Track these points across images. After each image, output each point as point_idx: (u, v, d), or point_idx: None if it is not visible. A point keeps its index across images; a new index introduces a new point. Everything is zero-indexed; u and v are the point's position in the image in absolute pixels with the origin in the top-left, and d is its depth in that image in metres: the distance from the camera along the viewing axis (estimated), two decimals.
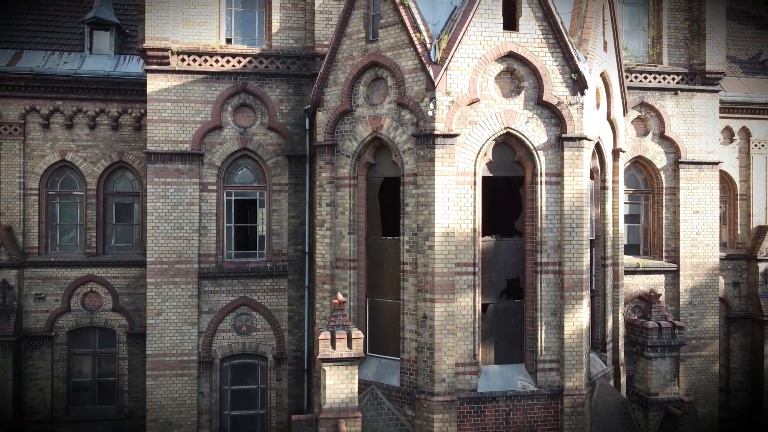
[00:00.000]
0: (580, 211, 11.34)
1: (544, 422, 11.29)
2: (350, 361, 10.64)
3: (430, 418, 10.89)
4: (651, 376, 11.65)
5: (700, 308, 16.28)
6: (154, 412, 14.01)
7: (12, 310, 16.07)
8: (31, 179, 16.53)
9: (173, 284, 14.07)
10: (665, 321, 11.69)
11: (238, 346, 14.62)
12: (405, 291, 11.45)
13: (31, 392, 16.37)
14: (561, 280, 11.34)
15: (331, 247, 12.38)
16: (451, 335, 10.94)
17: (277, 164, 14.64)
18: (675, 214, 16.18)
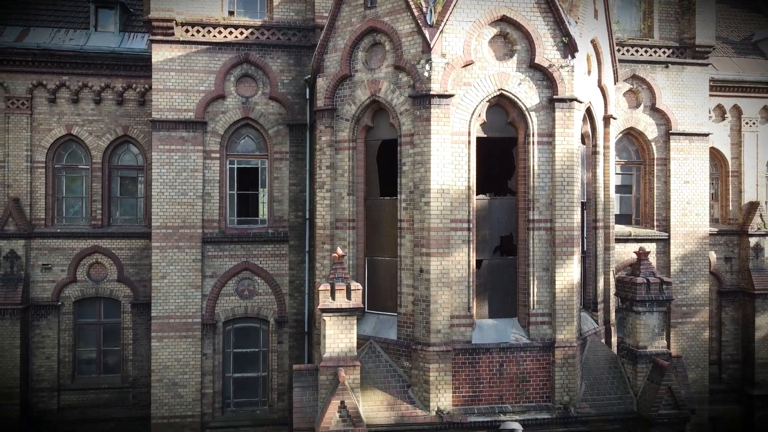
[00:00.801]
0: (571, 170, 11.76)
1: (536, 373, 11.71)
2: (349, 312, 11.06)
3: (426, 368, 11.31)
4: (639, 330, 12.07)
5: (691, 276, 16.71)
6: (158, 373, 14.43)
7: (19, 279, 16.45)
8: (37, 152, 16.89)
9: (178, 248, 14.49)
10: (653, 277, 12.10)
11: (240, 310, 15.04)
12: (402, 247, 11.87)
13: (38, 360, 16.73)
14: (552, 237, 11.76)
15: (331, 208, 12.81)
16: (446, 288, 11.36)
17: (279, 133, 15.07)
18: (666, 185, 16.60)
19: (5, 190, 16.64)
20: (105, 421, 16.68)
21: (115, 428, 16.74)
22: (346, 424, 10.65)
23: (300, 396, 11.22)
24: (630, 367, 12.19)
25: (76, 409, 16.78)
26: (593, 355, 12.56)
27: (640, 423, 11.81)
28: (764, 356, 19.22)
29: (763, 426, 19.04)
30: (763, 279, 19.30)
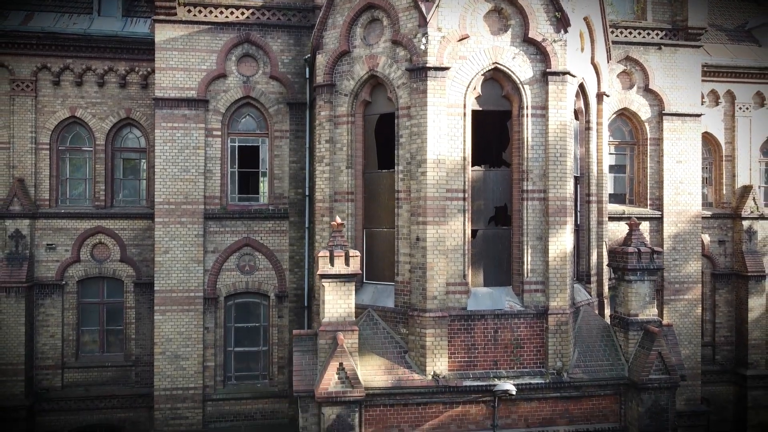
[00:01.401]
0: (564, 142, 12.07)
1: (530, 340, 12.02)
2: (348, 278, 11.36)
3: (423, 334, 11.61)
4: (631, 298, 12.37)
5: (683, 253, 17.01)
6: (161, 345, 14.74)
7: (24, 258, 16.73)
8: (42, 134, 17.16)
9: (180, 224, 14.80)
10: (644, 247, 12.40)
11: (241, 285, 15.35)
12: (399, 218, 12.18)
13: (42, 338, 17.00)
14: (546, 207, 12.07)
15: (330, 181, 13.12)
16: (442, 256, 11.66)
17: (279, 111, 15.39)
18: (659, 164, 16.92)
19: (10, 171, 16.92)
20: (108, 398, 16.95)
21: (117, 405, 17.01)
22: (345, 385, 10.95)
23: (300, 359, 11.52)
24: (622, 334, 12.48)
25: (79, 387, 17.05)
26: (586, 324, 12.85)
27: (632, 388, 12.11)
28: (757, 337, 19.52)
29: (757, 405, 19.34)
30: (756, 261, 19.62)
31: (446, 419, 11.73)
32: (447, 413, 11.73)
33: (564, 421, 12.08)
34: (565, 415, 12.09)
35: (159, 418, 14.70)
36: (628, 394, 12.20)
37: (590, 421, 12.17)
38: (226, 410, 15.10)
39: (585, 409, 12.16)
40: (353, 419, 11.06)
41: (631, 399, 12.12)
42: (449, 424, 11.73)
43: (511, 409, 11.92)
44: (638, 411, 11.92)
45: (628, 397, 12.21)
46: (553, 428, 12.03)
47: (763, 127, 20.08)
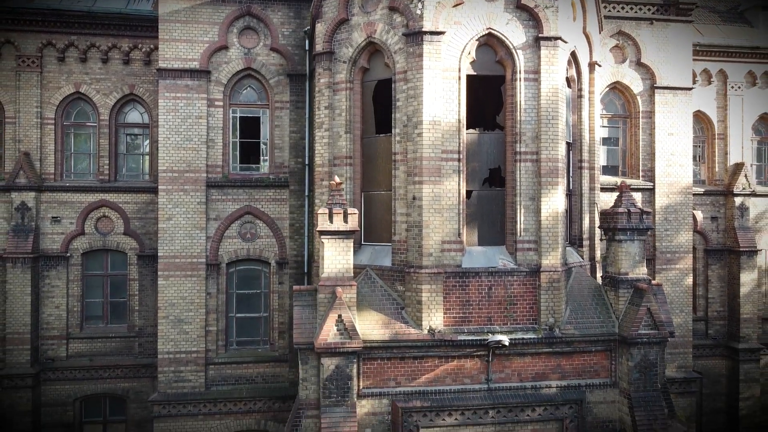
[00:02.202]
0: (555, 105, 12.44)
1: (523, 297, 12.39)
2: (346, 235, 11.73)
3: (419, 289, 11.98)
4: (621, 257, 12.74)
5: (675, 224, 17.39)
6: (165, 310, 15.11)
7: (30, 230, 17.07)
8: (47, 109, 17.48)
9: (183, 191, 15.17)
10: (634, 207, 12.77)
11: (243, 252, 15.73)
12: (396, 179, 12.56)
13: (47, 309, 17.34)
14: (538, 168, 12.44)
15: (329, 146, 13.50)
16: (437, 214, 12.04)
17: (279, 83, 15.76)
18: (651, 137, 17.30)
19: (16, 145, 17.27)
20: (112, 368, 17.30)
21: (121, 375, 17.36)
22: (343, 336, 11.33)
23: (300, 313, 11.89)
24: (612, 293, 12.86)
25: (84, 357, 17.41)
26: (578, 284, 13.23)
27: (622, 343, 12.48)
28: (749, 311, 19.91)
29: (748, 378, 19.71)
30: (748, 237, 20.00)
31: (442, 373, 12.11)
32: (442, 367, 12.10)
33: (556, 376, 12.45)
34: (557, 370, 12.46)
35: (163, 381, 15.08)
36: (619, 349, 12.57)
37: (582, 377, 12.54)
38: (228, 374, 15.49)
39: (577, 364, 12.53)
40: (351, 370, 11.44)
41: (622, 354, 12.50)
42: (444, 378, 12.11)
43: (504, 363, 12.29)
44: (628, 366, 12.29)
45: (618, 353, 12.58)
46: (545, 383, 12.40)
47: (755, 105, 20.47)
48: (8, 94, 17.25)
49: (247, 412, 15.34)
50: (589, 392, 12.48)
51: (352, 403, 11.42)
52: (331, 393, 11.34)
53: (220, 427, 15.25)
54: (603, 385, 12.57)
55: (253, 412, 15.37)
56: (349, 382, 11.40)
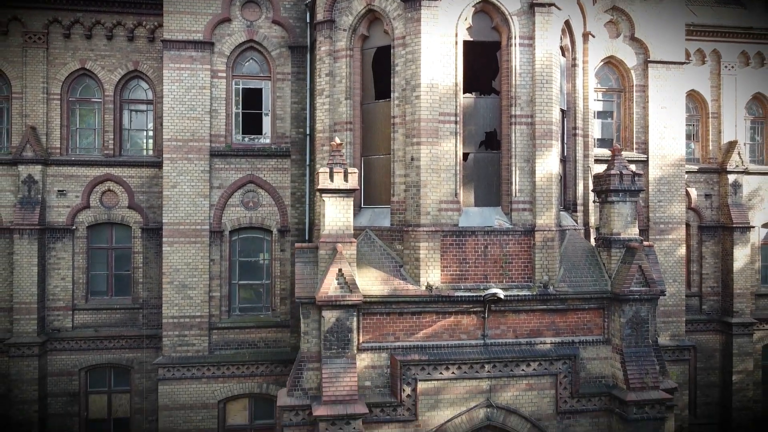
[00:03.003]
0: (549, 70, 12.82)
1: (518, 255, 12.75)
2: (346, 193, 12.10)
3: (417, 247, 12.35)
4: (613, 218, 13.10)
5: (668, 195, 17.76)
6: (169, 275, 15.47)
7: (37, 202, 17.41)
8: (53, 85, 17.83)
9: (187, 160, 15.54)
10: (626, 170, 13.14)
11: (245, 220, 16.10)
12: (395, 141, 12.93)
13: (53, 280, 17.69)
14: (533, 131, 12.82)
15: (330, 112, 13.87)
16: (435, 174, 12.41)
17: (281, 55, 16.14)
18: (644, 110, 17.68)
19: (23, 120, 17.63)
20: (116, 339, 17.65)
21: (126, 346, 17.71)
22: (344, 290, 11.69)
23: (301, 269, 12.26)
24: (605, 253, 13.22)
25: (89, 328, 17.76)
26: (572, 245, 13.59)
27: (614, 301, 12.84)
28: (742, 287, 20.28)
29: (741, 352, 20.07)
30: (741, 213, 20.38)
31: (439, 328, 12.47)
32: (440, 323, 12.46)
33: (550, 333, 12.81)
34: (552, 327, 12.82)
35: (167, 345, 15.44)
36: (611, 307, 12.93)
37: (575, 334, 12.90)
38: (231, 338, 15.85)
39: (570, 322, 12.89)
40: (351, 323, 11.80)
41: (614, 312, 12.85)
42: (442, 333, 12.47)
43: (500, 320, 12.66)
44: (620, 322, 12.65)
45: (611, 311, 12.94)
46: (539, 339, 12.76)
47: (748, 85, 20.85)
48: (15, 70, 17.61)
49: (250, 376, 15.71)
50: (583, 349, 12.85)
51: (352, 355, 11.79)
52: (332, 345, 11.71)
53: (224, 390, 15.62)
54: (596, 342, 12.93)
55: (256, 376, 15.74)
56: (349, 335, 11.76)
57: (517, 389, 12.54)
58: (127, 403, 17.96)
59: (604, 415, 12.80)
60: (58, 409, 17.51)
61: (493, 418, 12.47)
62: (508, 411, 12.49)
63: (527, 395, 12.56)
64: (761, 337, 20.99)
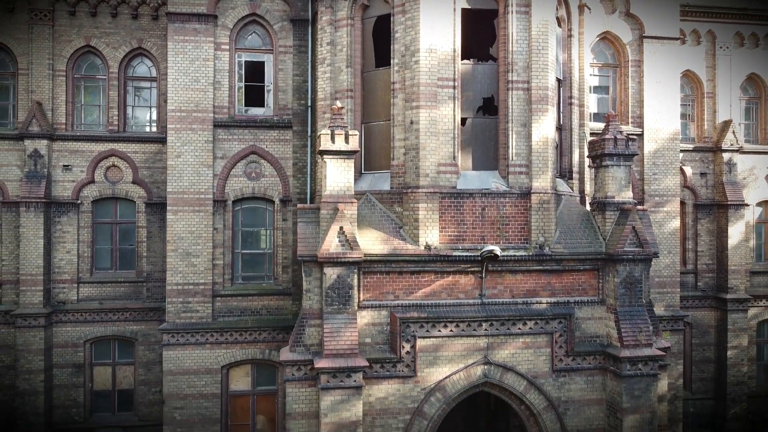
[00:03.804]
0: (545, 37, 13.14)
1: (514, 217, 13.07)
2: (347, 154, 12.41)
3: (416, 208, 12.67)
4: (608, 181, 13.42)
5: (663, 168, 18.08)
6: (174, 243, 15.77)
7: (42, 176, 17.70)
8: (58, 62, 18.11)
9: (191, 130, 15.85)
10: (620, 135, 13.45)
11: (248, 190, 16.40)
12: (395, 107, 13.26)
13: (59, 254, 17.98)
14: (529, 96, 13.14)
15: (331, 81, 14.20)
16: (433, 137, 12.73)
17: (283, 28, 16.44)
18: (639, 85, 17.99)
19: (29, 96, 17.91)
20: (121, 311, 17.96)
21: (130, 318, 18.02)
22: (344, 247, 12.01)
23: (304, 229, 12.57)
24: (600, 216, 13.53)
25: (94, 300, 18.06)
26: (567, 210, 13.91)
27: (609, 262, 13.15)
28: (737, 263, 20.57)
29: (736, 328, 20.37)
30: (736, 191, 20.68)
31: (438, 288, 12.78)
32: (438, 282, 12.78)
33: (546, 293, 13.13)
34: (548, 287, 13.13)
35: (171, 311, 15.74)
36: (606, 268, 13.25)
37: (571, 294, 13.22)
38: (234, 305, 16.16)
39: (566, 282, 13.22)
40: (352, 279, 12.12)
41: (609, 273, 13.17)
42: (440, 292, 12.79)
43: (497, 280, 12.98)
44: (614, 282, 12.97)
45: (605, 272, 13.26)
46: (536, 299, 13.08)
47: (743, 66, 21.15)
48: (21, 47, 17.90)
49: (253, 342, 16.01)
50: (578, 309, 13.16)
51: (353, 311, 12.10)
52: (333, 301, 12.02)
53: (227, 355, 15.92)
54: (591, 302, 13.24)
55: (258, 342, 16.05)
56: (350, 291, 12.08)
57: (514, 347, 12.85)
58: (131, 375, 18.28)
59: (599, 374, 13.12)
60: (63, 380, 17.82)
61: (491, 375, 12.78)
62: (505, 368, 12.81)
63: (524, 353, 12.88)
64: (756, 314, 21.32)
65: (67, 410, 17.83)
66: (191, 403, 15.70)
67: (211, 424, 15.80)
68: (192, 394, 15.72)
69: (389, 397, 12.37)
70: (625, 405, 12.47)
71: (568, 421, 12.98)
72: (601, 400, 13.10)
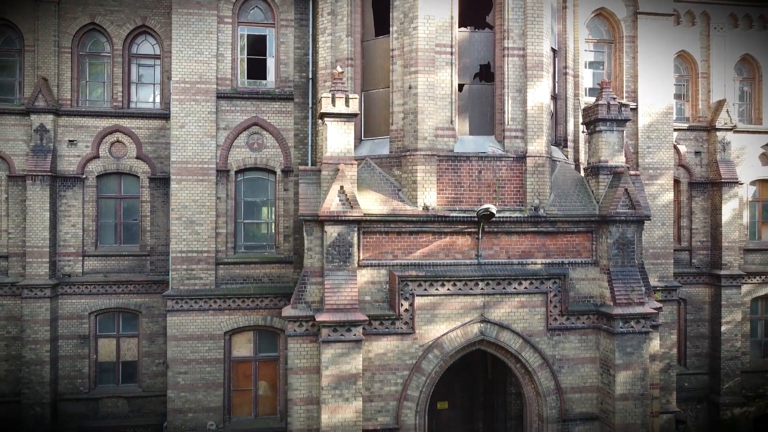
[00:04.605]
0: (540, 4, 13.52)
1: (510, 180, 13.43)
2: (347, 117, 12.77)
3: (414, 170, 13.03)
4: (601, 146, 13.77)
5: (656, 141, 18.44)
6: (177, 212, 16.13)
7: (48, 150, 18.03)
8: (64, 39, 18.41)
9: (195, 101, 16.22)
10: (613, 100, 13.81)
11: (250, 161, 16.77)
12: (394, 73, 13.62)
13: (64, 227, 18.31)
14: (524, 62, 13.50)
15: (332, 49, 14.56)
16: (431, 101, 13.09)
17: (284, 2, 16.79)
18: (634, 60, 18.34)
19: (35, 72, 18.25)
20: (125, 284, 18.28)
21: (134, 291, 18.33)
22: (345, 206, 12.36)
23: (305, 189, 12.93)
24: (593, 180, 13.89)
25: (99, 273, 18.38)
26: (562, 175, 14.27)
27: (602, 224, 13.51)
28: (731, 240, 20.92)
29: (730, 303, 20.71)
30: (730, 169, 21.03)
31: (435, 248, 13.14)
32: (436, 242, 13.14)
33: (541, 254, 13.48)
34: (542, 249, 13.49)
35: (175, 278, 16.10)
36: (599, 230, 13.60)
37: (565, 256, 13.57)
38: (237, 273, 16.52)
39: (560, 244, 13.57)
40: (352, 237, 12.47)
41: (602, 234, 13.53)
42: (438, 253, 13.14)
43: (493, 241, 13.33)
44: (607, 243, 13.32)
45: (599, 233, 13.61)
46: (531, 260, 13.43)
47: (737, 47, 21.49)
48: (27, 24, 18.22)
49: (255, 309, 16.38)
50: (572, 270, 13.52)
51: (353, 268, 12.46)
52: (334, 258, 12.38)
53: (230, 321, 16.29)
54: (585, 263, 13.60)
55: (260, 309, 16.41)
56: (350, 249, 12.43)
57: (510, 306, 13.20)
58: (135, 347, 18.60)
59: (593, 333, 13.47)
60: (68, 351, 18.15)
61: (487, 333, 13.14)
62: (500, 327, 13.16)
63: (519, 312, 13.23)
64: (749, 291, 21.65)
65: (73, 380, 18.17)
66: (195, 368, 16.07)
67: (215, 388, 16.16)
68: (195, 359, 16.08)
69: (388, 353, 12.72)
70: (618, 361, 12.82)
71: (563, 378, 13.32)
72: (594, 358, 13.45)
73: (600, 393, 13.35)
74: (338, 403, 11.95)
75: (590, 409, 13.39)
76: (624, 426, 12.73)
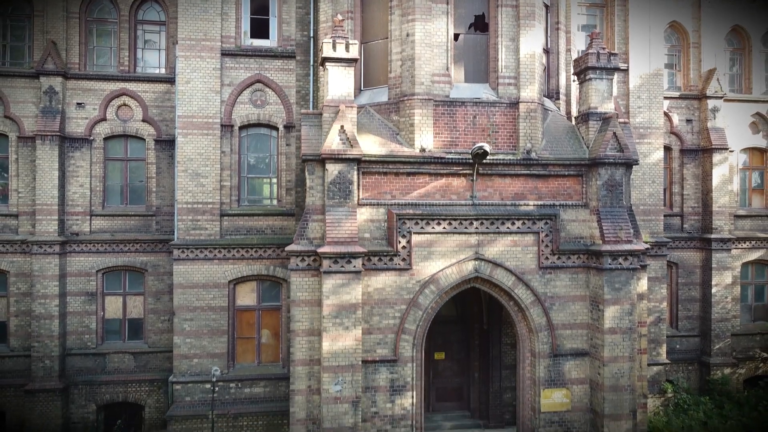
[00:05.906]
0: None
1: (504, 126, 13.99)
2: (348, 62, 13.33)
3: (412, 114, 13.59)
4: (591, 94, 14.33)
5: (647, 102, 19.00)
6: (183, 164, 16.68)
7: (57, 111, 18.59)
8: (72, 4, 18.98)
9: (200, 58, 16.78)
10: (603, 50, 14.37)
11: (254, 117, 17.33)
12: (392, 23, 14.18)
13: (72, 187, 18.87)
14: (517, 12, 14.07)
15: (332, 2, 15.16)
16: (428, 48, 13.66)
17: None
18: (625, 23, 18.94)
19: (44, 36, 18.82)
20: (132, 243, 18.81)
21: (140, 249, 18.86)
22: (345, 145, 12.92)
23: (307, 131, 13.49)
24: (584, 126, 14.45)
25: (106, 233, 18.93)
26: (554, 124, 14.83)
27: (592, 167, 14.06)
28: (721, 205, 21.46)
29: (720, 267, 21.23)
30: (720, 136, 21.56)
31: (432, 189, 13.69)
32: (432, 183, 13.69)
33: (533, 197, 14.04)
34: (534, 191, 14.04)
35: (181, 228, 16.65)
36: (589, 174, 14.16)
37: (556, 198, 14.13)
38: (240, 225, 17.07)
39: (552, 187, 14.12)
40: (352, 175, 13.03)
41: (592, 177, 14.08)
42: (434, 194, 13.70)
43: (487, 183, 13.89)
44: (597, 185, 13.88)
45: (589, 177, 14.17)
46: (523, 201, 13.98)
47: (728, 18, 22.02)
48: None
49: (258, 259, 16.93)
50: (563, 211, 14.07)
51: (353, 205, 13.02)
52: (335, 195, 12.93)
53: (234, 271, 16.83)
54: (575, 206, 14.15)
55: (263, 259, 16.96)
56: (350, 186, 12.99)
57: (503, 245, 13.75)
58: (141, 304, 19.13)
59: (583, 272, 14.02)
60: (76, 308, 18.68)
61: (481, 270, 13.68)
62: (494, 264, 13.71)
63: (512, 251, 13.78)
64: (739, 255, 22.16)
65: (80, 336, 18.70)
66: (200, 315, 16.62)
67: (219, 335, 16.71)
68: (201, 307, 16.63)
69: (386, 288, 13.26)
70: (607, 296, 13.37)
71: (554, 315, 13.87)
72: (584, 296, 14.00)
73: (590, 329, 13.89)
74: (339, 331, 12.49)
75: (580, 345, 13.93)
76: (612, 358, 13.27)
